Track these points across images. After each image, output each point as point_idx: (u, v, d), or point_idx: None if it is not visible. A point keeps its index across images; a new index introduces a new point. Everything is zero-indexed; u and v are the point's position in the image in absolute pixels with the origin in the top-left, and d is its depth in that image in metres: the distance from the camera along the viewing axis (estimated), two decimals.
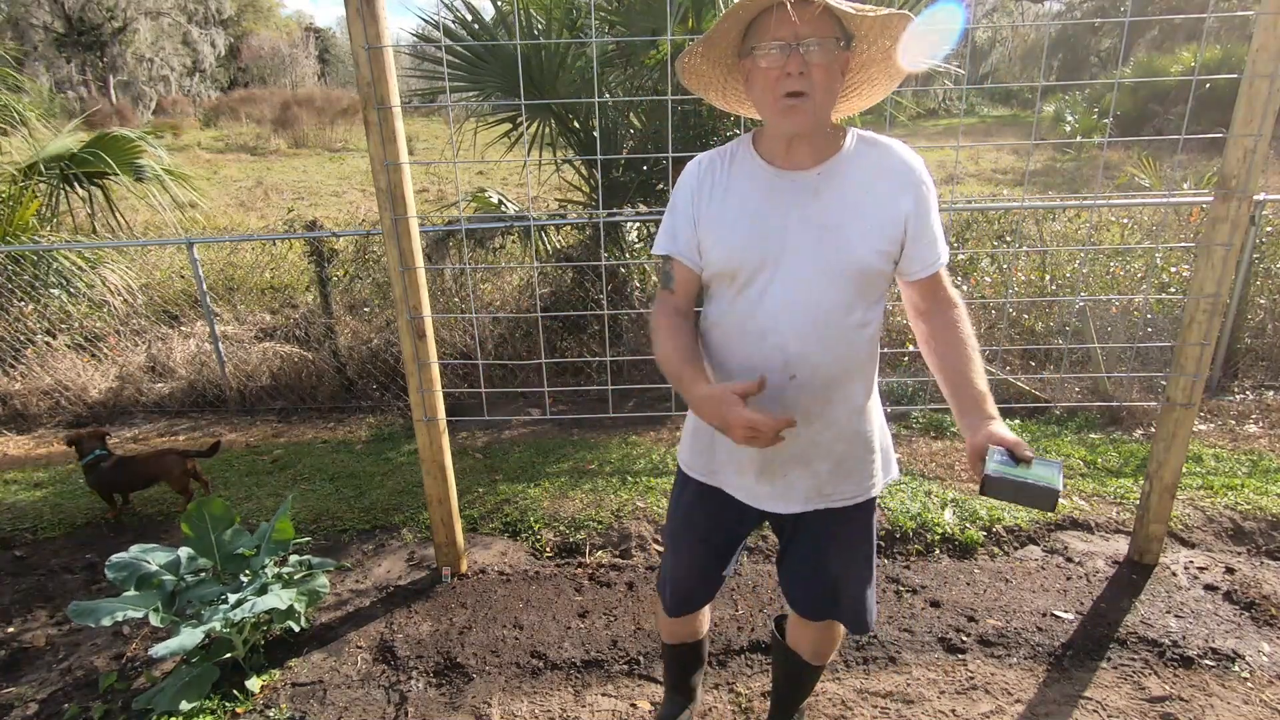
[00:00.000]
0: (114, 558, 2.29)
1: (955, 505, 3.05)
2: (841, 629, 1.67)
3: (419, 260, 2.36)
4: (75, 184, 5.86)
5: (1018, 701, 2.10)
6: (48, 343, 4.96)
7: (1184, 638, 2.31)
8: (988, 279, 4.92)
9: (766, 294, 1.36)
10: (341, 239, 4.76)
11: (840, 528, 1.52)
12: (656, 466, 3.55)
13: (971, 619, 2.44)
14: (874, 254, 1.34)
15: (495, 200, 4.86)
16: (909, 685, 2.17)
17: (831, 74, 1.27)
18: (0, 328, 4.83)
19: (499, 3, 4.29)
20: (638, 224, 4.68)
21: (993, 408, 1.30)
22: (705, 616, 1.88)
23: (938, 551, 2.82)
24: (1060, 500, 1.20)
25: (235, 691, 2.18)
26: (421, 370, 2.44)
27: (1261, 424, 3.91)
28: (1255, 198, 3.01)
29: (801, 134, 1.32)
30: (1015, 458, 1.19)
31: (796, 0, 1.20)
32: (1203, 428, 3.89)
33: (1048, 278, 4.65)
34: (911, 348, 4.42)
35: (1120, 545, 2.82)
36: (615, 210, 4.29)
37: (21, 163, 5.68)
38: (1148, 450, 3.27)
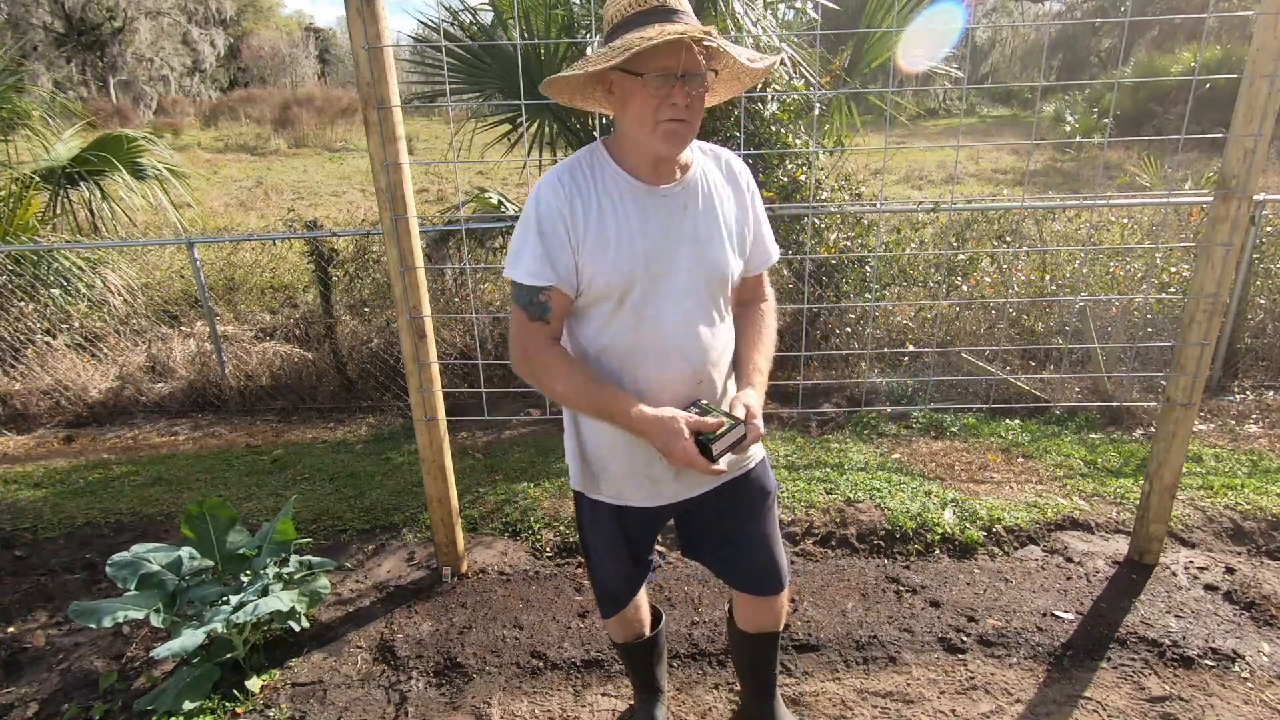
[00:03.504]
0: (115, 557, 2.29)
1: (955, 505, 3.05)
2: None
3: (419, 260, 2.37)
4: (77, 183, 5.87)
5: (1018, 701, 2.10)
6: (48, 343, 4.96)
7: (1184, 638, 2.31)
8: (988, 279, 4.92)
9: (655, 312, 1.41)
10: (341, 239, 4.77)
11: (754, 499, 1.62)
12: None
13: (971, 619, 2.44)
14: (735, 260, 1.48)
15: (495, 200, 4.86)
16: (909, 685, 2.17)
17: (703, 101, 1.36)
18: (0, 328, 4.83)
19: (497, 4, 4.30)
20: None
21: (757, 380, 1.48)
22: (646, 611, 1.91)
23: (938, 551, 2.82)
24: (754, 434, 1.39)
25: (235, 691, 2.18)
26: (421, 370, 2.44)
27: (1261, 424, 3.91)
28: (1255, 198, 3.01)
29: (674, 156, 1.38)
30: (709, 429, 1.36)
31: (697, 42, 1.26)
32: (1203, 428, 3.89)
33: (1048, 278, 4.66)
34: (911, 348, 4.42)
35: (1120, 545, 2.82)
36: None
37: (28, 168, 5.68)
38: (1148, 450, 3.27)
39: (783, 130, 4.10)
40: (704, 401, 1.46)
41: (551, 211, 1.36)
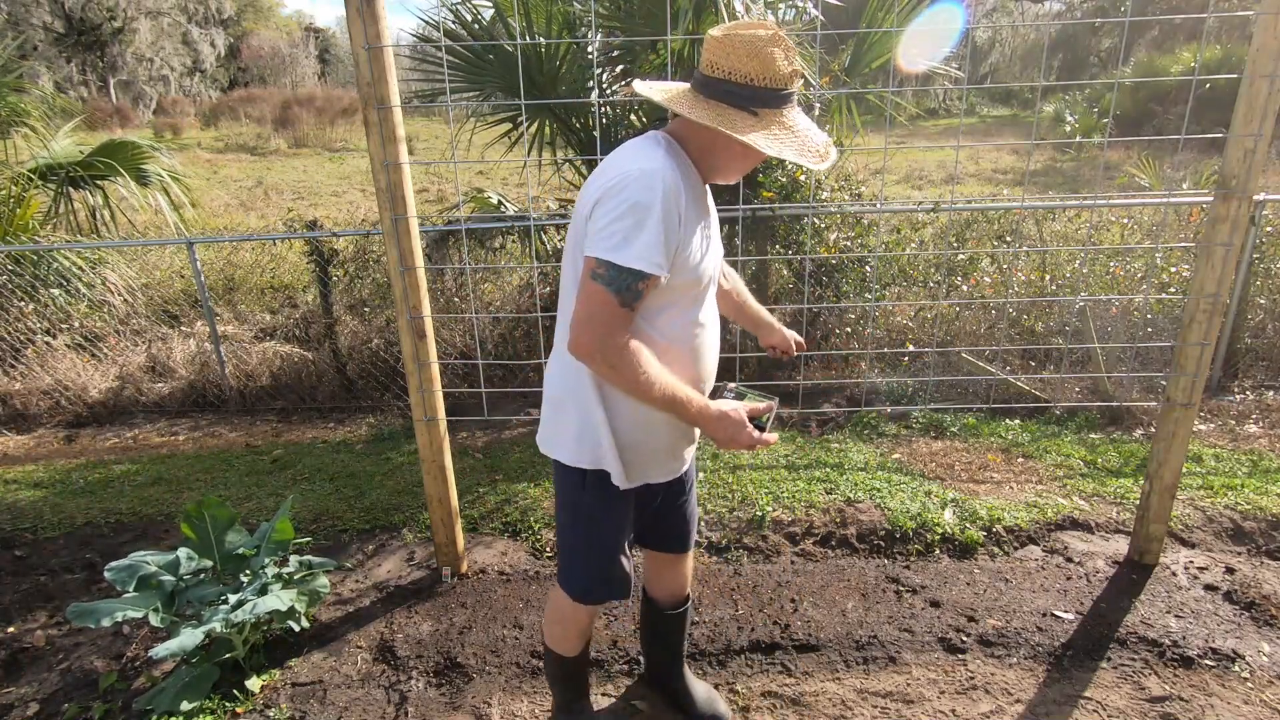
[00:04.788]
0: (113, 563, 2.28)
1: (955, 505, 3.05)
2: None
3: (419, 260, 2.37)
4: (79, 186, 5.87)
5: (1018, 701, 2.10)
6: (48, 343, 4.96)
7: (1184, 638, 2.31)
8: (988, 279, 4.92)
9: (710, 300, 1.58)
10: (341, 239, 4.76)
11: (693, 467, 1.84)
12: None
13: (971, 619, 2.44)
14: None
15: (495, 200, 4.86)
16: (909, 685, 2.17)
17: None
18: (0, 328, 4.83)
19: (499, 2, 4.30)
20: None
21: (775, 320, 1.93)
22: None
23: (938, 551, 2.82)
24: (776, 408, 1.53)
25: (235, 691, 2.18)
26: (421, 370, 2.44)
27: (1261, 424, 3.91)
28: (1255, 198, 3.01)
29: None
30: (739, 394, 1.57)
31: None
32: (1203, 428, 3.89)
33: (1048, 278, 4.66)
34: (911, 348, 4.42)
35: (1120, 545, 2.82)
36: None
37: (29, 167, 5.68)
38: (1148, 450, 3.27)
39: None
40: (733, 385, 1.58)
41: (671, 200, 1.35)
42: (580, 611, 1.77)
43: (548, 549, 2.92)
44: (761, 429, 1.46)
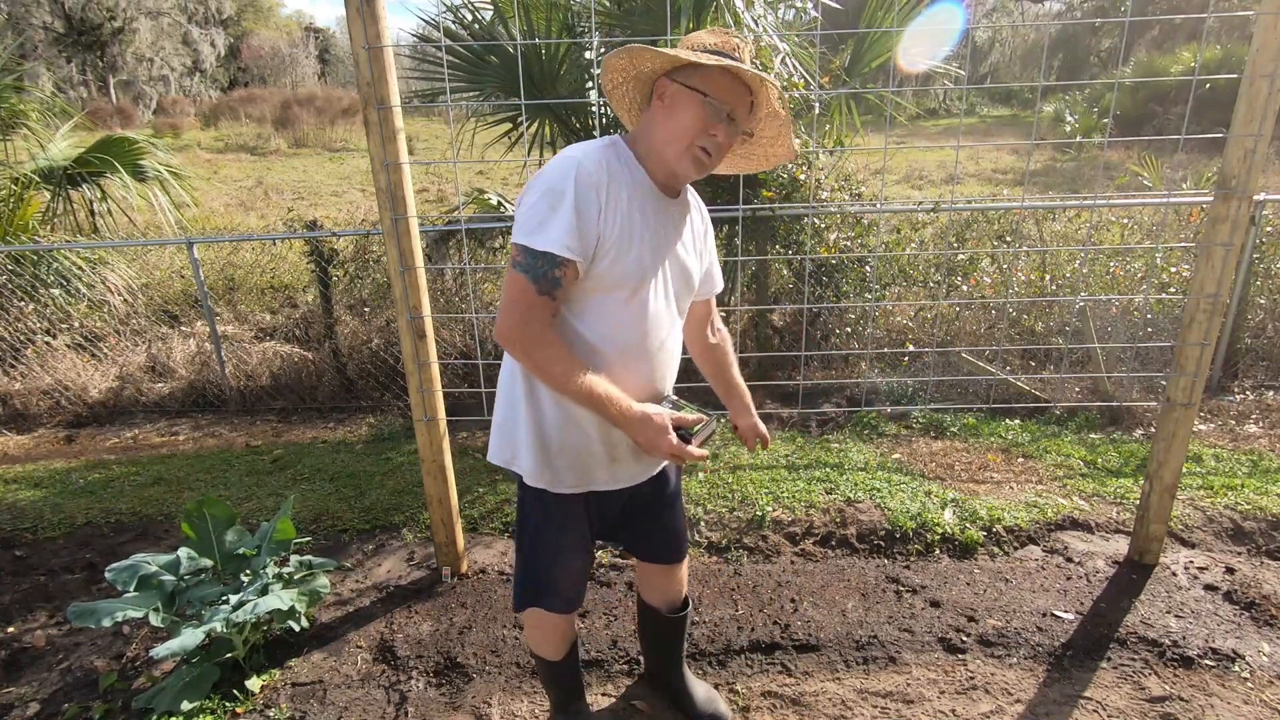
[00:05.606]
0: (113, 565, 2.28)
1: (955, 505, 3.05)
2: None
3: (419, 260, 2.37)
4: (78, 184, 5.87)
5: (1018, 701, 2.10)
6: (48, 343, 4.96)
7: (1184, 638, 2.31)
8: (988, 279, 4.92)
9: (654, 309, 1.51)
10: (341, 239, 4.76)
11: (669, 478, 1.80)
12: None
13: (971, 619, 2.44)
14: (698, 276, 1.63)
15: (495, 201, 4.86)
16: (909, 685, 2.17)
17: (724, 153, 1.47)
18: (0, 328, 4.83)
19: (498, 2, 4.30)
20: None
21: (750, 402, 1.87)
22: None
23: (938, 551, 2.82)
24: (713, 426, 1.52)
25: (235, 691, 2.18)
26: (421, 370, 2.44)
27: (1261, 424, 3.91)
28: (1255, 198, 3.01)
29: (686, 181, 1.53)
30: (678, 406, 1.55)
31: (763, 96, 1.45)
32: (1203, 428, 3.89)
33: (1048, 278, 4.66)
34: (911, 348, 4.42)
35: (1120, 545, 2.82)
36: None
37: (28, 167, 5.68)
38: (1148, 450, 3.27)
39: None
40: (674, 397, 1.57)
41: (589, 186, 1.35)
42: (547, 617, 1.75)
43: None
44: (687, 440, 1.43)
